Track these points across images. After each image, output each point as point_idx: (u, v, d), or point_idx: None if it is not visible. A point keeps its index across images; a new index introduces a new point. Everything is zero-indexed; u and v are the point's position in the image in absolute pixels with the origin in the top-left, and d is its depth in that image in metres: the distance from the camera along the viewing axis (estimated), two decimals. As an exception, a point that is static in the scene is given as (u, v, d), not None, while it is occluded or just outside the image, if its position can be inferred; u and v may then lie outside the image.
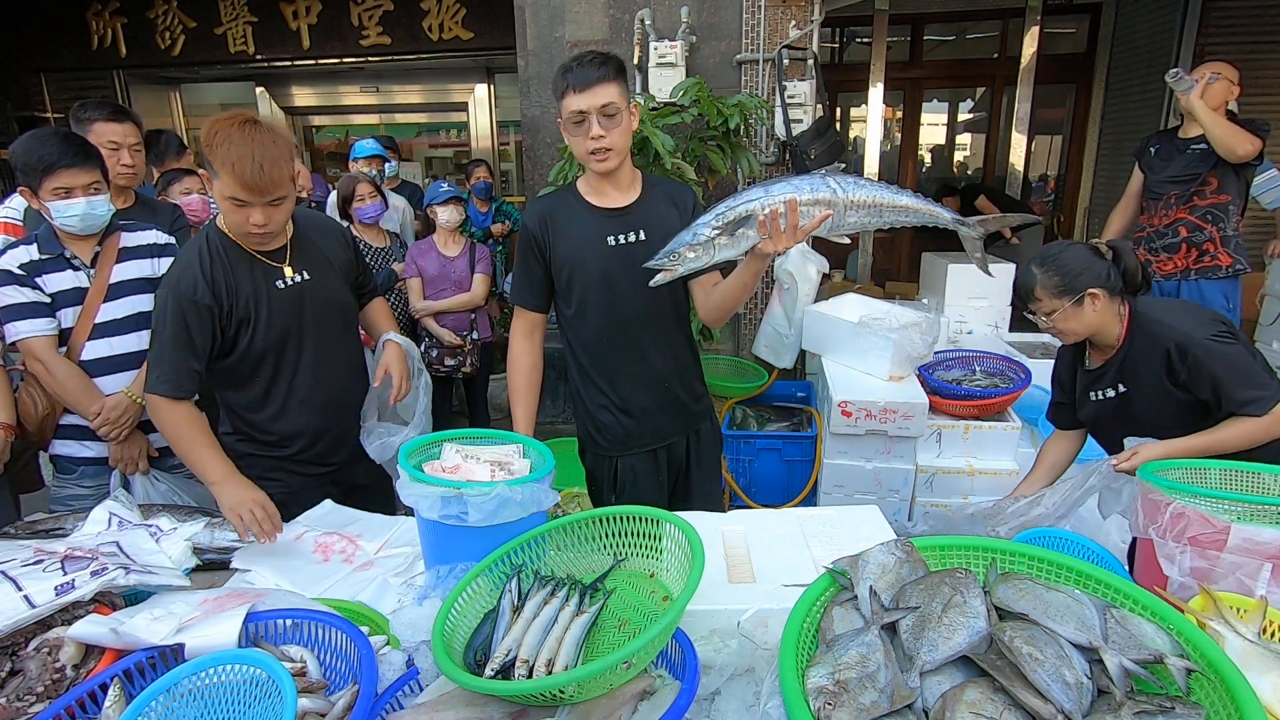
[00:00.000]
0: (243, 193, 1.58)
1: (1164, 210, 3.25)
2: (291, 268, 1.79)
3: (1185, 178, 3.14)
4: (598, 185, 1.80)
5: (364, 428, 1.96)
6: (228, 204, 1.62)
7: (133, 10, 6.44)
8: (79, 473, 2.03)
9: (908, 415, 2.79)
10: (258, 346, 1.76)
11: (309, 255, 1.84)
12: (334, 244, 1.94)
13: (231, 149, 1.55)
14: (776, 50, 3.61)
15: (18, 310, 1.87)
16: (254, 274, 1.74)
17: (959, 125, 7.18)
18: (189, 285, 1.66)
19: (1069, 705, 0.75)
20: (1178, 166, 3.17)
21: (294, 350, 1.82)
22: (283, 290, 1.77)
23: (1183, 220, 3.18)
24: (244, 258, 1.74)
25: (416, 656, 1.10)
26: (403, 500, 1.28)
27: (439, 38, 6.17)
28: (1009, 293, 3.71)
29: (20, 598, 1.13)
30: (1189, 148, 3.13)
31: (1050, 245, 1.86)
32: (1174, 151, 3.20)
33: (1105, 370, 1.84)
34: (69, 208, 1.86)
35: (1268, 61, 5.05)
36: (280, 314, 1.77)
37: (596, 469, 2.00)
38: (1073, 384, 1.98)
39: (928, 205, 1.56)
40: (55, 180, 1.83)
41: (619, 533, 1.25)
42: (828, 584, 1.01)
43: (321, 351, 1.86)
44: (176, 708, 0.92)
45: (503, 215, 4.80)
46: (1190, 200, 3.15)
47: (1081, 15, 6.07)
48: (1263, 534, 1.09)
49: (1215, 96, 3.04)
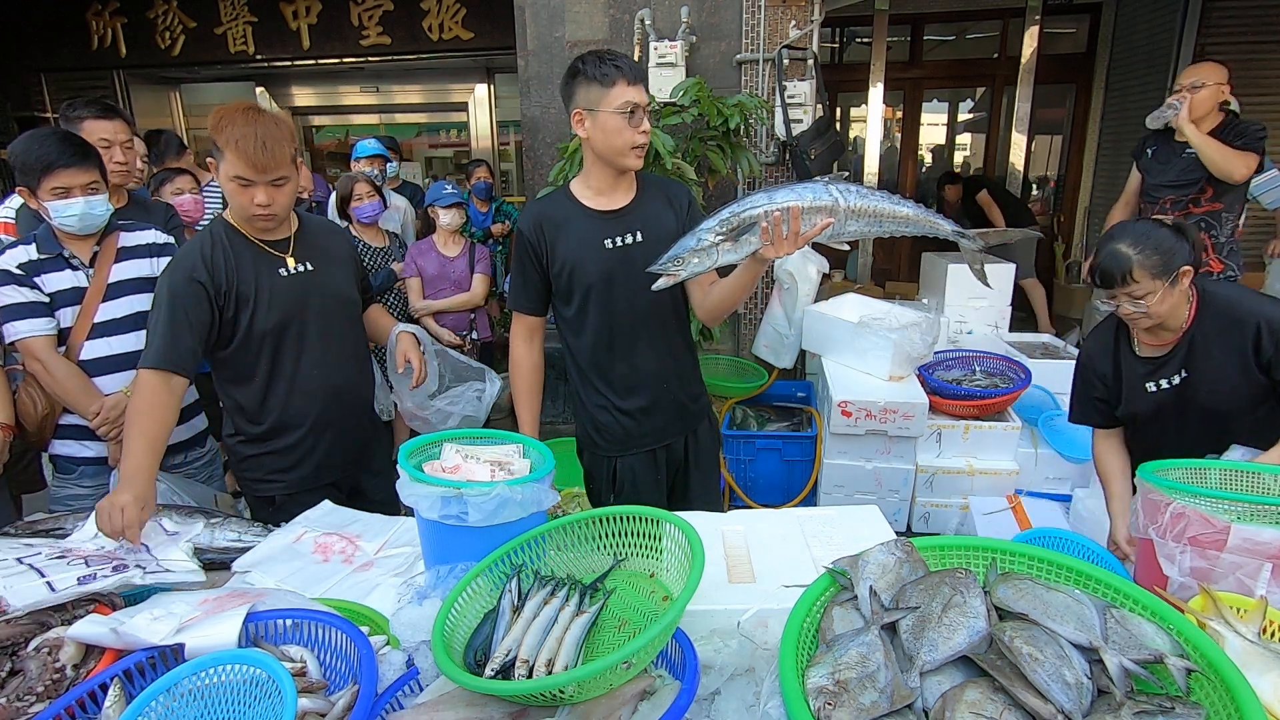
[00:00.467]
0: (248, 171, 1.64)
1: (1159, 215, 3.25)
2: (294, 258, 1.82)
3: (1182, 184, 3.13)
4: (598, 186, 1.80)
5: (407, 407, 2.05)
6: (233, 185, 1.67)
7: (133, 10, 6.44)
8: (79, 472, 2.03)
9: (908, 415, 2.80)
10: (257, 331, 1.78)
11: (313, 249, 1.87)
12: (339, 243, 2.00)
13: (235, 129, 1.61)
14: (776, 50, 3.61)
15: (16, 310, 1.86)
16: (256, 261, 1.78)
17: (959, 125, 7.18)
18: (186, 266, 1.70)
19: (1069, 705, 0.75)
20: (1175, 171, 3.15)
21: (295, 338, 1.83)
22: (285, 278, 1.80)
23: None
24: (248, 246, 1.77)
25: (416, 656, 1.10)
26: (403, 500, 1.28)
27: (439, 38, 6.17)
28: (1009, 293, 3.71)
29: (43, 584, 1.17)
30: (1185, 151, 3.13)
31: (1130, 224, 1.75)
32: (1171, 155, 3.18)
33: (1170, 356, 1.73)
34: (67, 207, 1.86)
35: (1268, 61, 5.06)
36: (281, 300, 1.79)
37: (595, 468, 2.00)
38: (1116, 377, 1.87)
39: (928, 216, 1.55)
40: (54, 180, 1.83)
41: (619, 533, 1.25)
42: (828, 584, 1.01)
43: (326, 342, 1.87)
44: (176, 708, 0.92)
45: (503, 215, 4.80)
46: (1185, 208, 3.14)
47: (1081, 15, 6.07)
48: (1263, 534, 1.09)
49: (1202, 105, 3.02)
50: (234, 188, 1.67)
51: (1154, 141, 3.30)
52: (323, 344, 1.87)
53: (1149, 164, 3.29)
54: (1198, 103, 3.02)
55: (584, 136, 1.73)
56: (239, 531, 1.62)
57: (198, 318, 1.69)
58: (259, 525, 1.67)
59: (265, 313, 1.77)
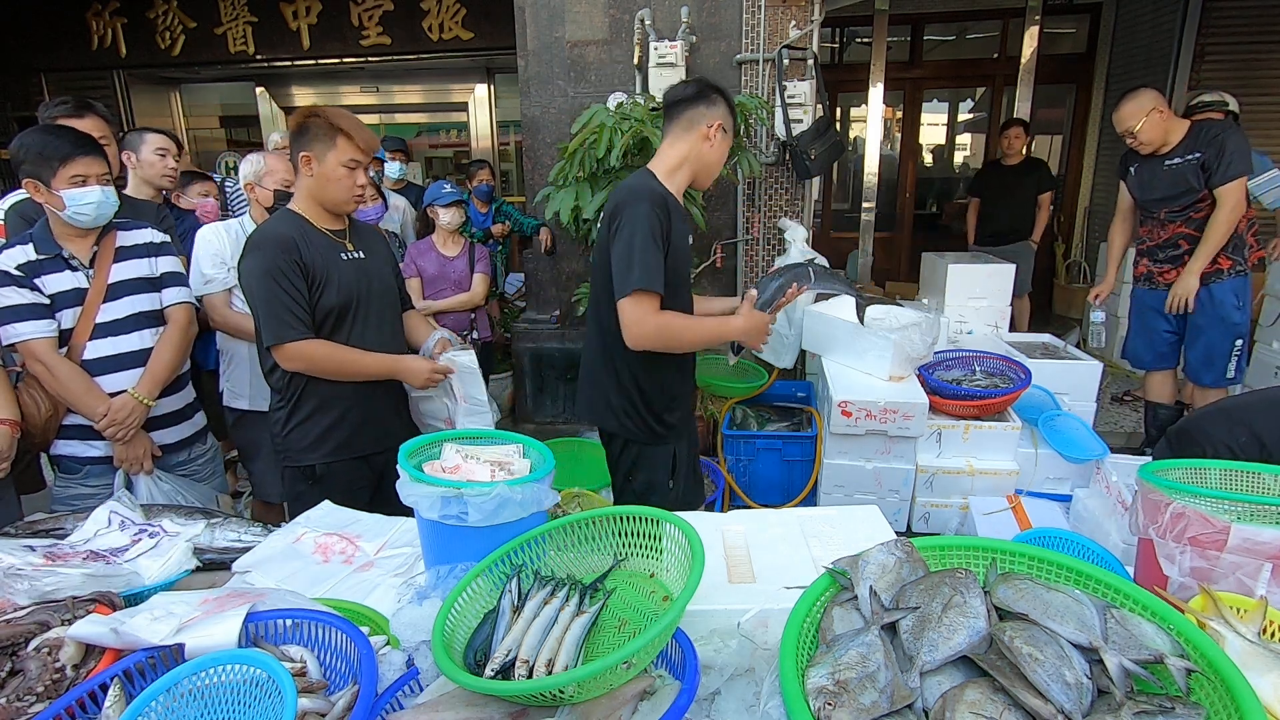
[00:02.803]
0: (360, 154, 1.91)
1: (1160, 227, 3.24)
2: (351, 245, 2.01)
3: (1174, 196, 3.12)
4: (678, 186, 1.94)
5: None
6: (343, 170, 1.90)
7: (133, 10, 6.45)
8: (84, 472, 2.03)
9: (908, 415, 2.79)
10: (325, 307, 1.93)
11: (362, 241, 2.06)
12: (379, 239, 2.16)
13: (344, 120, 1.88)
14: (776, 50, 3.61)
15: (16, 312, 1.86)
16: (325, 245, 1.95)
17: (959, 125, 7.19)
18: (284, 248, 1.86)
19: (1069, 705, 0.75)
20: (1164, 187, 3.13)
21: (354, 316, 1.99)
22: (346, 261, 1.98)
23: (1181, 234, 3.17)
24: (316, 232, 1.95)
25: (416, 656, 1.10)
26: (403, 500, 1.29)
27: (439, 38, 6.17)
28: (1009, 293, 3.71)
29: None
30: (1166, 164, 3.10)
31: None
32: (1154, 172, 3.16)
33: None
34: (85, 195, 1.88)
35: (1268, 61, 5.06)
36: (345, 282, 1.95)
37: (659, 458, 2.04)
38: None
39: None
40: (73, 168, 1.85)
41: (619, 533, 1.25)
42: (828, 584, 1.01)
43: (379, 324, 2.04)
44: (176, 708, 0.92)
45: (503, 215, 4.80)
46: (1186, 215, 3.14)
47: (1081, 15, 6.07)
48: (1263, 534, 1.09)
49: (1151, 132, 3.03)
50: (344, 172, 1.90)
51: (1133, 160, 3.28)
52: (376, 325, 2.03)
53: (1134, 181, 3.29)
54: (1147, 136, 3.03)
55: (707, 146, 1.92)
56: (239, 531, 1.62)
57: (300, 290, 1.87)
58: (259, 525, 1.67)
59: (334, 291, 1.93)
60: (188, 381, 2.23)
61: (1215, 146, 2.97)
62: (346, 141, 1.87)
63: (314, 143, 1.88)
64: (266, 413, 2.52)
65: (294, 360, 1.87)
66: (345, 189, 1.92)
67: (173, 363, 2.06)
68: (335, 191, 1.92)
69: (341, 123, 1.87)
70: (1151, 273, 3.32)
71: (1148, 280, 3.35)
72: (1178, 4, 5.08)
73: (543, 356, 4.09)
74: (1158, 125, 3.04)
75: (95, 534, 1.44)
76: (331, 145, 1.87)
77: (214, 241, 2.42)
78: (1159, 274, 3.29)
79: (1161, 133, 3.06)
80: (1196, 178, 3.03)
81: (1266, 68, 5.06)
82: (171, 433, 2.14)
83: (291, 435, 1.97)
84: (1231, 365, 3.20)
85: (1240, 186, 2.98)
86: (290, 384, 1.95)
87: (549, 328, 4.18)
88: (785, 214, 3.91)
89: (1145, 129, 3.04)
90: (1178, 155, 3.07)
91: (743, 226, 3.92)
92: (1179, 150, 3.07)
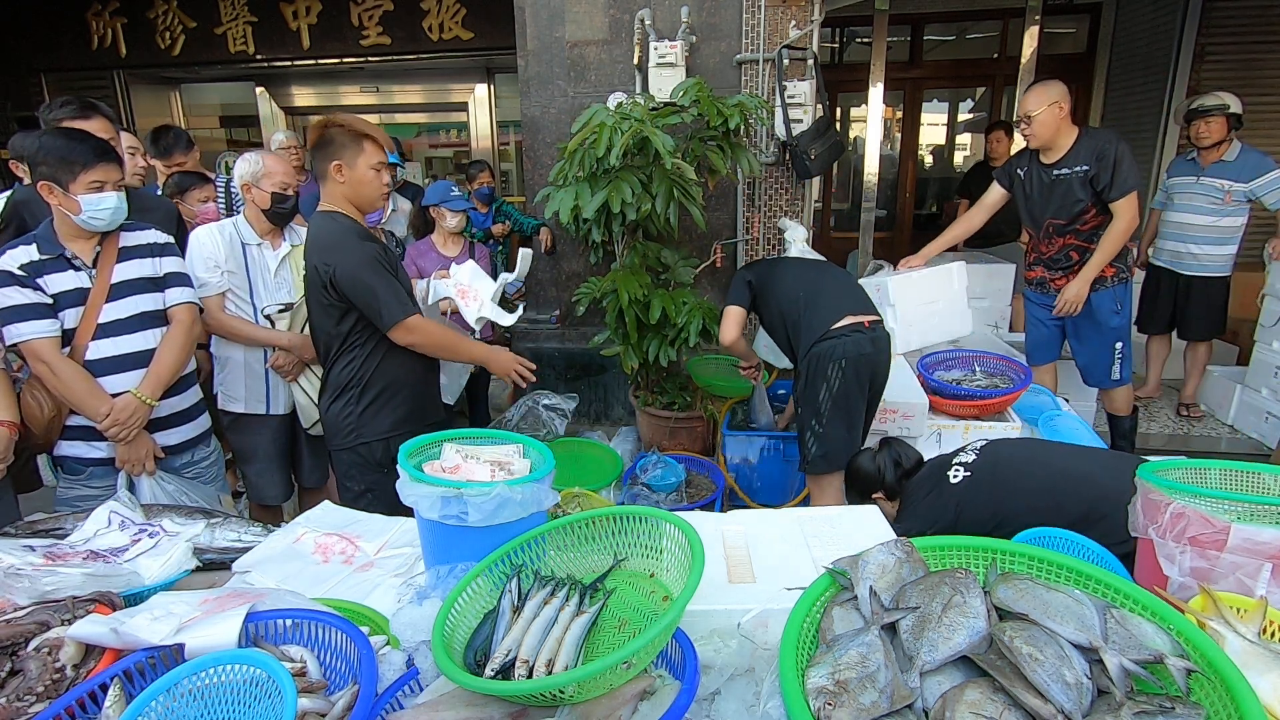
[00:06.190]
0: (384, 155, 2.06)
1: (1048, 240, 3.23)
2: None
3: (1061, 209, 3.11)
4: None
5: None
6: (372, 173, 2.05)
7: (133, 10, 6.44)
8: (88, 473, 2.03)
9: (908, 415, 2.79)
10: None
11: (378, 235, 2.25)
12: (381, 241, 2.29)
13: (367, 126, 2.03)
14: (776, 50, 3.61)
15: (18, 312, 1.86)
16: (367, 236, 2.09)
17: (959, 125, 7.18)
18: (362, 239, 2.03)
19: (1069, 705, 0.75)
20: (1055, 203, 3.11)
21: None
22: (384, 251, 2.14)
23: (1071, 245, 3.17)
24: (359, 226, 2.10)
25: (416, 656, 1.10)
26: (403, 500, 1.29)
27: (439, 38, 6.16)
28: (1009, 293, 3.72)
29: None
30: (1054, 174, 3.08)
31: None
32: (1042, 181, 3.14)
33: None
34: (102, 200, 1.89)
35: (1268, 61, 5.06)
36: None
37: None
38: None
39: None
40: (93, 174, 1.87)
41: (619, 533, 1.25)
42: (828, 584, 1.01)
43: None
44: (176, 708, 0.92)
45: (503, 216, 4.79)
46: (1073, 229, 3.13)
47: (1081, 15, 6.07)
48: (1263, 534, 1.09)
49: (1045, 129, 2.99)
50: (373, 174, 2.05)
51: (1024, 162, 3.22)
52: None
53: (1021, 186, 3.23)
54: (1038, 128, 2.99)
55: None
56: (239, 531, 1.62)
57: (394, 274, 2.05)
58: (259, 525, 1.67)
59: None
60: (193, 382, 2.23)
61: (1105, 160, 2.94)
62: (373, 146, 2.02)
63: (342, 151, 2.00)
64: (263, 415, 2.54)
65: (414, 332, 2.04)
66: (376, 189, 2.08)
67: (176, 363, 2.06)
68: (369, 192, 2.07)
69: (366, 129, 2.01)
70: (1045, 279, 3.34)
71: (1040, 285, 3.38)
72: (1178, 4, 5.08)
73: (543, 356, 4.08)
74: (1051, 121, 3.00)
75: (95, 534, 1.44)
76: (360, 151, 2.01)
77: (208, 244, 2.40)
78: (1051, 280, 3.30)
79: (1053, 131, 3.02)
80: (1084, 189, 3.02)
81: (1266, 68, 5.06)
82: (175, 434, 2.14)
83: (364, 415, 2.10)
84: (1115, 368, 3.26)
85: (1134, 200, 2.96)
86: (360, 369, 2.09)
87: (549, 328, 4.19)
88: (785, 214, 3.91)
89: (1040, 120, 2.99)
90: (1065, 166, 3.05)
91: (743, 226, 3.92)
92: (1066, 160, 3.05)
